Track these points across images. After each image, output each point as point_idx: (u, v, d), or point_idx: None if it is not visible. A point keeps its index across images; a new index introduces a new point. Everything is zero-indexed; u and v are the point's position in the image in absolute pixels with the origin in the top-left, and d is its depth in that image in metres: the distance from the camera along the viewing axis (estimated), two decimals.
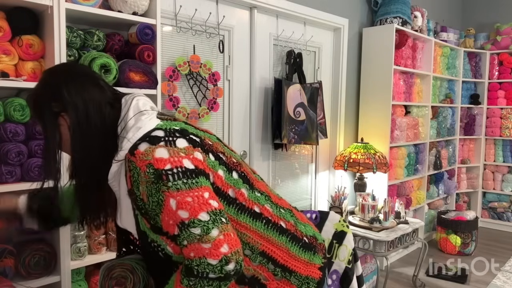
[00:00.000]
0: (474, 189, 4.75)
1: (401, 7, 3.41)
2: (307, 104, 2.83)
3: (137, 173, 0.87)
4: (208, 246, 0.83)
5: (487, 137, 4.68)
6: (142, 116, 0.95)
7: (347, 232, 1.42)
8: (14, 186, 1.49)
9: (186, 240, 0.84)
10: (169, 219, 0.85)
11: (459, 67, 4.41)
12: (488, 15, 4.88)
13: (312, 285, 1.05)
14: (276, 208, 1.07)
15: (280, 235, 1.03)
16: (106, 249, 1.80)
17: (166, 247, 0.92)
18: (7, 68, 1.51)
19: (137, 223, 0.96)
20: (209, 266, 0.82)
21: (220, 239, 0.83)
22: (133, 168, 0.87)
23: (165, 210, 0.85)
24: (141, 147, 0.88)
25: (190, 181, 0.86)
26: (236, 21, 2.56)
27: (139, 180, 0.87)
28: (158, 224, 0.89)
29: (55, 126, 0.97)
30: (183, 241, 0.84)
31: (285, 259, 1.02)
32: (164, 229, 0.88)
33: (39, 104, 0.99)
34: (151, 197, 0.86)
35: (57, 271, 1.61)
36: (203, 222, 0.84)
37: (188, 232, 0.83)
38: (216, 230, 0.84)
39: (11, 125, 1.49)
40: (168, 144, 0.89)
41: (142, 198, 0.88)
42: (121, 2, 1.75)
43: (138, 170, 0.86)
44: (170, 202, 0.84)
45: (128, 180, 0.89)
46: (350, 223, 2.81)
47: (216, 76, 2.37)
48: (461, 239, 3.75)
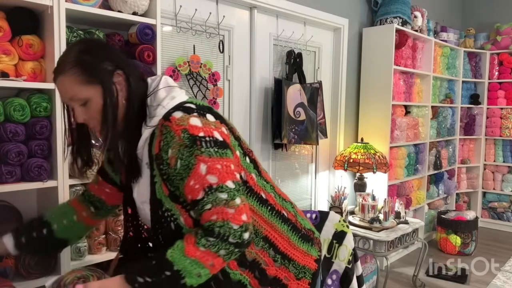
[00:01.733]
0: (474, 189, 4.75)
1: (401, 7, 3.41)
2: (307, 104, 2.83)
3: (170, 136, 0.90)
4: (232, 211, 0.88)
5: (487, 137, 4.68)
6: (173, 89, 1.00)
7: (347, 232, 1.43)
8: (14, 186, 1.49)
9: (210, 203, 0.87)
10: (195, 183, 0.88)
11: (459, 67, 4.41)
12: (488, 15, 4.88)
13: (308, 275, 1.07)
14: (279, 198, 1.11)
15: (282, 223, 1.07)
16: (106, 249, 1.79)
17: (179, 217, 0.94)
18: (7, 68, 1.51)
19: (153, 192, 0.97)
20: (231, 229, 0.86)
21: (242, 207, 0.89)
22: (166, 132, 0.90)
23: (193, 173, 0.88)
24: (176, 114, 0.92)
25: (220, 151, 0.90)
26: (236, 21, 2.56)
27: (170, 144, 0.90)
28: (177, 192, 0.92)
29: (112, 83, 0.96)
30: (206, 205, 0.87)
31: (285, 247, 1.04)
32: (186, 194, 0.90)
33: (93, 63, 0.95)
34: (182, 161, 0.89)
35: (57, 271, 1.61)
36: (230, 189, 0.89)
37: (214, 196, 0.87)
38: (239, 199, 0.89)
39: (11, 125, 1.49)
40: (200, 116, 0.93)
41: (169, 162, 0.90)
42: (121, 2, 1.75)
43: (172, 134, 0.90)
44: (200, 167, 0.88)
45: (157, 145, 0.92)
46: (350, 223, 2.81)
47: (216, 76, 2.37)
48: (461, 239, 3.75)
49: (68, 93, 0.95)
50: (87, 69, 0.94)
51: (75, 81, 0.93)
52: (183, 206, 0.94)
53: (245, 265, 0.98)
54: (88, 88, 0.93)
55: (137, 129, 0.97)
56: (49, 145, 1.58)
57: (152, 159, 0.95)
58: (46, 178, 1.56)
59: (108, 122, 0.94)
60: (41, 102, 1.55)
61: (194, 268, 0.86)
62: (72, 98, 0.94)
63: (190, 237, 0.89)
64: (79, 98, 0.93)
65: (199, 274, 0.87)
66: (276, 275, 1.01)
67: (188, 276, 0.86)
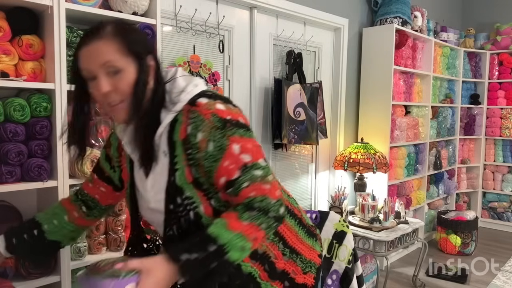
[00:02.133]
0: (474, 189, 4.75)
1: (401, 7, 3.41)
2: (307, 104, 2.83)
3: (199, 120, 0.91)
4: (268, 187, 0.90)
5: (487, 137, 4.68)
6: (193, 78, 1.00)
7: (347, 232, 1.43)
8: (14, 186, 1.49)
9: (248, 181, 0.89)
10: (230, 163, 0.90)
11: (459, 67, 4.41)
12: (488, 15, 4.88)
13: (313, 270, 1.09)
14: (285, 194, 1.14)
15: (290, 218, 1.08)
16: (106, 249, 1.80)
17: (200, 205, 0.94)
18: (7, 68, 1.51)
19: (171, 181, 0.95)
20: (269, 203, 0.89)
21: (275, 183, 0.92)
22: (194, 117, 0.91)
23: (227, 154, 0.89)
24: (202, 100, 0.93)
25: (249, 133, 0.93)
26: (236, 21, 2.56)
27: (200, 127, 0.90)
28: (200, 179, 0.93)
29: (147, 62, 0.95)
30: (244, 183, 0.89)
31: (293, 241, 1.06)
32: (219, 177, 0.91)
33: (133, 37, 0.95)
34: (214, 142, 0.90)
35: (57, 271, 1.61)
36: (263, 166, 0.91)
37: (250, 173, 0.89)
38: (271, 176, 0.93)
39: (11, 125, 1.49)
40: (224, 102, 0.95)
41: (199, 146, 0.91)
42: (121, 2, 1.75)
43: (202, 118, 0.91)
44: (233, 147, 0.90)
45: (183, 130, 0.92)
46: (350, 223, 2.81)
47: (216, 76, 2.37)
48: (461, 239, 3.75)
49: (102, 58, 0.90)
50: (128, 41, 0.92)
51: (114, 48, 0.91)
52: (205, 194, 0.94)
53: (256, 258, 0.99)
54: (124, 59, 0.91)
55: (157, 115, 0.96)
56: (49, 145, 1.58)
57: (173, 146, 0.94)
58: (46, 178, 1.56)
59: (137, 97, 0.92)
60: (41, 102, 1.55)
61: (239, 241, 0.86)
62: (105, 64, 0.90)
63: (230, 214, 0.89)
64: (113, 66, 0.90)
65: (243, 247, 0.87)
66: (284, 268, 1.02)
67: (233, 250, 0.86)
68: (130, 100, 0.92)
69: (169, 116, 0.94)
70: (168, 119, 0.94)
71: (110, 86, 0.91)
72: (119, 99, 0.92)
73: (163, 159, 0.97)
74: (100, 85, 0.90)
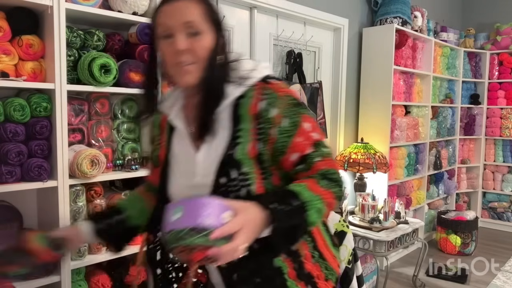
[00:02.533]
0: (474, 189, 4.75)
1: (401, 7, 3.41)
2: (307, 104, 2.82)
3: (274, 97, 0.95)
4: (334, 161, 0.99)
5: (487, 137, 4.68)
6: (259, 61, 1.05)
7: (347, 232, 1.43)
8: (14, 186, 1.50)
9: (320, 156, 0.94)
10: (303, 139, 0.94)
11: (459, 67, 4.41)
12: (488, 15, 4.88)
13: (334, 278, 1.07)
14: None
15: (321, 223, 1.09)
16: (106, 249, 1.80)
17: (253, 184, 0.94)
18: (7, 68, 1.51)
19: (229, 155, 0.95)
20: (339, 176, 0.95)
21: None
22: (269, 93, 0.95)
23: (300, 131, 0.94)
24: (274, 81, 0.99)
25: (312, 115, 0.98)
26: (236, 21, 2.56)
27: (275, 104, 0.94)
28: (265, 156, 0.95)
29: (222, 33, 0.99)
30: (316, 157, 0.94)
31: (321, 246, 1.05)
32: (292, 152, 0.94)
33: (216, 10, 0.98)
34: (289, 119, 0.94)
35: (57, 271, 1.61)
36: (327, 145, 0.98)
37: (321, 149, 0.95)
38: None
39: (11, 125, 1.49)
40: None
41: (273, 121, 0.93)
42: (121, 2, 1.75)
43: (277, 95, 0.95)
44: (305, 125, 0.95)
45: (255, 104, 0.95)
46: (350, 223, 2.81)
47: None
48: (461, 239, 3.75)
49: (185, 17, 0.92)
50: (211, 10, 0.96)
51: (198, 11, 0.93)
52: (262, 172, 0.95)
53: (288, 253, 0.98)
54: (205, 24, 0.94)
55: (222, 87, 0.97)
56: (49, 145, 1.58)
57: (238, 119, 0.95)
58: (46, 178, 1.56)
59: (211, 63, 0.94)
60: (41, 102, 1.55)
61: (318, 203, 0.88)
62: (187, 24, 0.91)
63: (307, 179, 0.92)
64: (195, 26, 0.92)
65: (320, 210, 0.89)
66: (311, 271, 1.01)
67: (312, 209, 0.87)
68: (202, 65, 0.93)
69: (239, 89, 0.96)
70: (237, 93, 0.96)
71: (187, 46, 0.92)
72: (192, 60, 0.93)
73: (221, 132, 0.97)
74: (178, 41, 0.91)
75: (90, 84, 1.65)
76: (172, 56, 0.93)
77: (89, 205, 1.72)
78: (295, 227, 0.87)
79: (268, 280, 0.95)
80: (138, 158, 1.88)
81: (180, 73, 0.94)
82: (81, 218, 1.18)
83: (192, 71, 0.93)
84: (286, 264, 0.97)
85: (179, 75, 0.95)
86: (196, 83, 0.95)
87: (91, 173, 1.64)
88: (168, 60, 0.95)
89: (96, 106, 1.79)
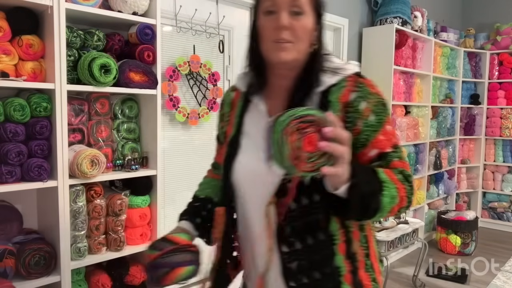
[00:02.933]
0: (474, 189, 4.75)
1: (401, 7, 3.41)
2: None
3: (366, 91, 0.97)
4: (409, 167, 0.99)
5: (487, 137, 4.68)
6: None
7: None
8: (14, 186, 1.49)
9: (397, 158, 0.95)
10: (385, 138, 0.95)
11: (459, 67, 4.41)
12: (488, 15, 4.88)
13: None
14: None
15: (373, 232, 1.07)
16: (106, 249, 1.80)
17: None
18: (7, 68, 1.51)
19: None
20: (412, 179, 0.95)
21: None
22: (361, 87, 0.97)
23: (384, 130, 0.95)
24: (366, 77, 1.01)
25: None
26: (236, 21, 2.56)
27: (366, 97, 0.96)
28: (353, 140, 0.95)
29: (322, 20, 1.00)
30: (395, 158, 0.95)
31: (373, 256, 1.03)
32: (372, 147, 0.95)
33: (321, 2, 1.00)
34: (376, 115, 0.95)
35: (57, 271, 1.61)
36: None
37: (399, 152, 0.96)
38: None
39: (11, 125, 1.49)
40: None
41: (361, 113, 0.95)
42: (121, 2, 1.75)
43: (369, 90, 0.97)
44: (388, 126, 0.96)
45: (346, 94, 0.96)
46: None
47: (216, 76, 2.38)
48: (461, 239, 3.75)
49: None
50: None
51: None
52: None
53: (348, 254, 0.96)
54: (309, 6, 0.95)
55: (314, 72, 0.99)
56: (49, 145, 1.58)
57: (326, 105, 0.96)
58: (46, 178, 1.56)
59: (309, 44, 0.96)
60: (41, 102, 1.55)
61: (393, 188, 0.88)
62: (294, 2, 0.93)
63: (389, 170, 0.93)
64: (300, 6, 0.93)
65: (393, 196, 0.88)
66: (362, 279, 0.98)
67: (387, 191, 0.87)
68: (298, 45, 0.95)
69: (334, 78, 0.98)
70: (333, 81, 0.98)
71: (288, 23, 0.93)
72: (289, 38, 0.94)
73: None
74: (281, 18, 0.93)
75: (90, 84, 1.65)
76: (272, 32, 0.94)
77: (89, 205, 1.72)
78: (370, 199, 0.85)
79: (325, 278, 0.93)
80: (138, 158, 1.88)
81: (277, 49, 0.94)
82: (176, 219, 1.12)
83: (288, 49, 0.94)
84: (345, 265, 0.95)
85: (275, 51, 0.95)
86: (288, 62, 0.96)
87: (91, 173, 1.64)
88: (267, 35, 0.96)
89: (96, 106, 1.79)
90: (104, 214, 1.76)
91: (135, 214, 1.87)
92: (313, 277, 0.93)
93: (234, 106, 1.10)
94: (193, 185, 1.24)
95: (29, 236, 1.64)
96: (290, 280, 0.94)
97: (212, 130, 2.52)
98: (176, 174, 2.32)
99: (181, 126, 2.33)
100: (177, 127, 2.32)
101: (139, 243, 1.89)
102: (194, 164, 2.39)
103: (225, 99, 1.15)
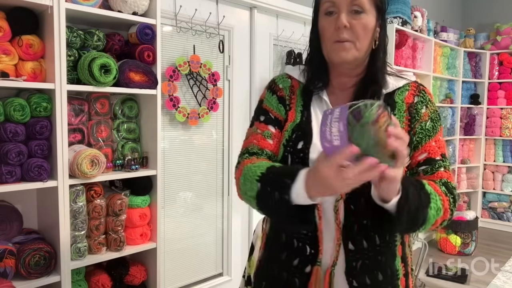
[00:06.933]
0: (474, 189, 4.75)
1: (401, 7, 3.40)
2: None
3: (427, 99, 1.00)
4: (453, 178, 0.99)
5: (487, 137, 4.68)
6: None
7: None
8: (14, 186, 1.50)
9: (444, 167, 0.96)
10: (437, 145, 0.97)
11: (459, 67, 4.41)
12: (488, 15, 4.88)
13: None
14: None
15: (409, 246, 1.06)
16: (106, 249, 1.80)
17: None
18: (7, 68, 1.51)
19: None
20: (456, 191, 0.94)
21: None
22: (423, 94, 1.00)
23: (437, 137, 0.97)
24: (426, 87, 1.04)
25: None
26: (236, 21, 2.56)
27: (426, 103, 0.99)
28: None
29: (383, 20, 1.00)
30: (441, 167, 0.95)
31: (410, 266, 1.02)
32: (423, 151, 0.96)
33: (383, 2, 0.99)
34: (432, 121, 0.98)
35: (57, 271, 1.61)
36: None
37: (446, 162, 0.97)
38: None
39: (11, 125, 1.49)
40: None
41: (421, 115, 0.97)
42: (121, 2, 1.75)
43: (429, 98, 1.00)
44: (440, 136, 0.98)
45: (410, 96, 0.99)
46: None
47: (216, 76, 2.37)
48: (461, 239, 3.75)
49: None
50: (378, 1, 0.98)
51: None
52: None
53: (403, 257, 0.97)
54: (370, 5, 0.95)
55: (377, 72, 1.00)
56: (49, 145, 1.58)
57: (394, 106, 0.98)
58: (46, 178, 1.56)
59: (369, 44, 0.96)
60: (41, 102, 1.55)
61: (438, 200, 0.88)
62: (354, 2, 0.93)
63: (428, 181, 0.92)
64: (360, 5, 0.93)
65: (438, 208, 0.87)
66: (409, 285, 0.99)
67: (433, 203, 0.86)
68: (359, 44, 0.94)
69: (401, 82, 1.01)
70: (400, 84, 1.00)
71: (348, 23, 0.93)
72: (349, 37, 0.93)
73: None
74: (340, 18, 0.93)
75: (90, 84, 1.65)
76: (333, 33, 0.94)
77: (89, 205, 1.72)
78: (418, 212, 0.84)
79: (386, 280, 0.93)
80: (138, 158, 1.88)
81: (337, 49, 0.94)
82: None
83: (349, 48, 0.94)
84: (401, 268, 0.96)
85: (336, 51, 0.95)
86: (349, 62, 0.95)
87: (91, 173, 1.64)
88: (328, 36, 0.96)
89: (96, 106, 1.79)
90: (104, 214, 1.76)
91: (135, 214, 1.87)
92: (375, 278, 0.93)
93: (293, 94, 1.07)
94: (193, 185, 1.23)
95: (29, 236, 1.64)
96: (353, 278, 0.92)
97: (212, 130, 2.52)
98: (176, 174, 2.32)
99: (181, 126, 2.33)
100: (177, 127, 2.32)
101: (139, 243, 1.89)
102: (194, 164, 2.39)
103: (281, 83, 1.09)
